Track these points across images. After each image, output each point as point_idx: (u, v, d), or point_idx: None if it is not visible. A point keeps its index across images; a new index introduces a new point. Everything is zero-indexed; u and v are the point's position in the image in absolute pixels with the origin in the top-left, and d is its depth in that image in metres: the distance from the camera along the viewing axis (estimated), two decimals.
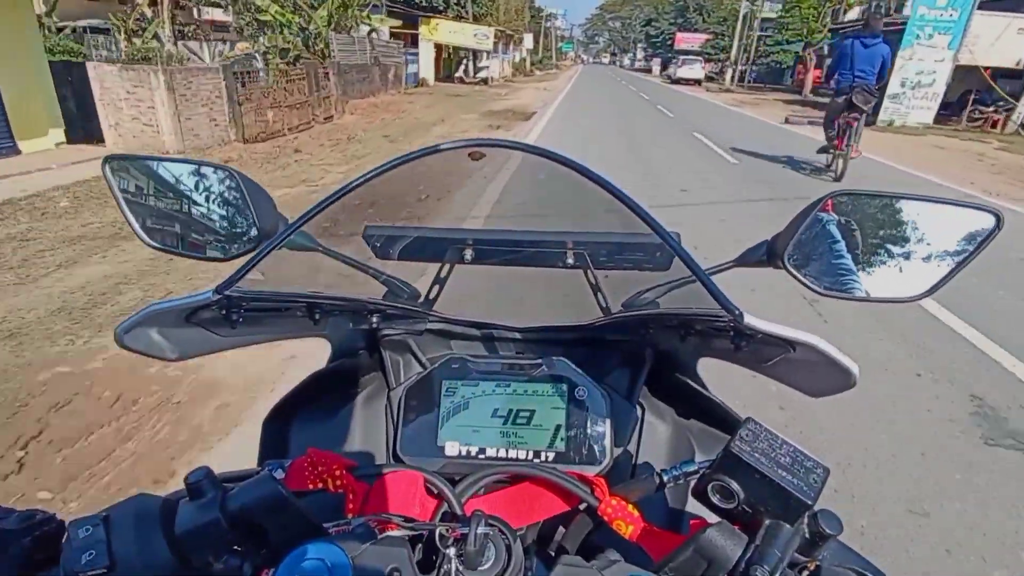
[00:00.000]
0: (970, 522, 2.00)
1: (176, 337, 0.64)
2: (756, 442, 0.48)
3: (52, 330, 3.08)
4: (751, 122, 15.43)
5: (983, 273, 4.22)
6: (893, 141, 12.36)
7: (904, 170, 8.85)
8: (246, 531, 0.47)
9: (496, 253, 0.89)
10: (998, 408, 2.68)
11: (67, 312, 3.31)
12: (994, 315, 3.70)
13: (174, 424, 2.37)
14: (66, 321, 3.19)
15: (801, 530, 0.45)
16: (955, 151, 11.48)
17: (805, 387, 0.70)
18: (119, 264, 4.07)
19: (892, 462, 2.28)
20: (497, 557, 0.48)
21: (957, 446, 2.40)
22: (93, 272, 3.92)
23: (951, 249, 0.68)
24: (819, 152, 7.83)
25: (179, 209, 0.81)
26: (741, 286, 3.53)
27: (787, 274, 0.70)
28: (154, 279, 3.81)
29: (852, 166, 7.33)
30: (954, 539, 1.93)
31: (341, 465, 0.60)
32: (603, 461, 0.68)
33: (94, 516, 0.45)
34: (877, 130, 14.00)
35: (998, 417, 2.61)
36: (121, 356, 2.69)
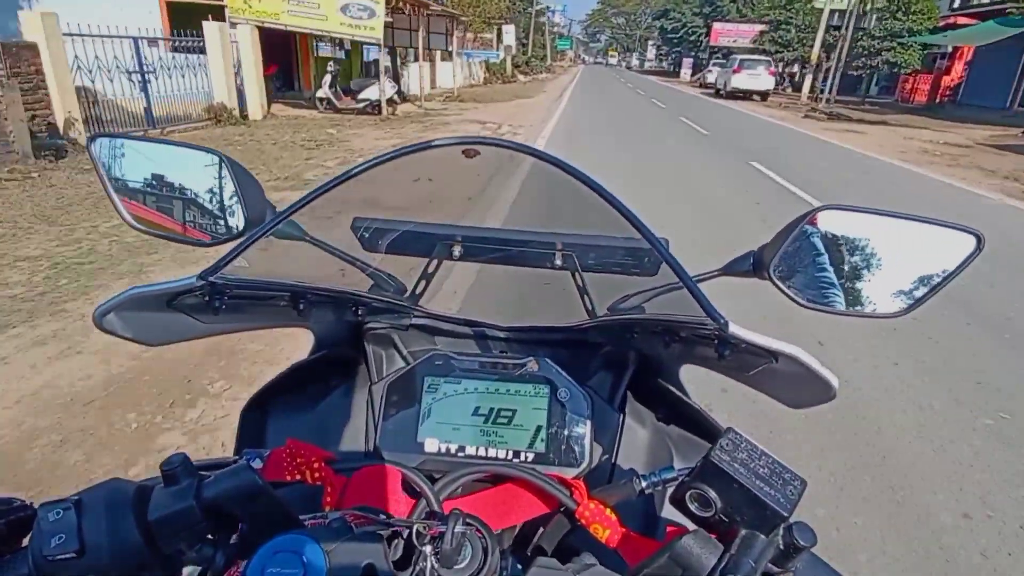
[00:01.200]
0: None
1: (156, 322, 0.64)
2: (736, 452, 0.49)
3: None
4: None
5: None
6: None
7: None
8: (220, 520, 0.47)
9: (485, 251, 0.89)
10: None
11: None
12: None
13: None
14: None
15: (776, 541, 0.46)
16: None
17: (785, 398, 0.70)
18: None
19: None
20: (473, 556, 0.48)
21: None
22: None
23: (932, 267, 0.69)
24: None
25: (166, 192, 0.79)
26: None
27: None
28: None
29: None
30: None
31: (320, 457, 0.59)
32: (583, 463, 0.69)
33: (65, 500, 0.45)
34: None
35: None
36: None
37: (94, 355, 2.88)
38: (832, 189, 7.84)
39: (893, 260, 0.71)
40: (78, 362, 2.83)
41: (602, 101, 21.48)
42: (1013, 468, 2.39)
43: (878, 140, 13.41)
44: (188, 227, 0.79)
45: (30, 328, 3.15)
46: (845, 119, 18.12)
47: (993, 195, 7.93)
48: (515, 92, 25.36)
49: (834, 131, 14.84)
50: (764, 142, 12.27)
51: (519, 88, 28.89)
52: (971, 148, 12.76)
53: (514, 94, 24.12)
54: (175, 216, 0.79)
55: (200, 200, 0.79)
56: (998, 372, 3.16)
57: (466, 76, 28.42)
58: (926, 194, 7.97)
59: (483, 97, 21.50)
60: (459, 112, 15.99)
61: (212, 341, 2.97)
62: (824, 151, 11.55)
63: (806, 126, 15.96)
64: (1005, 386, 3.02)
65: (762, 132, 14.49)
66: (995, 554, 1.95)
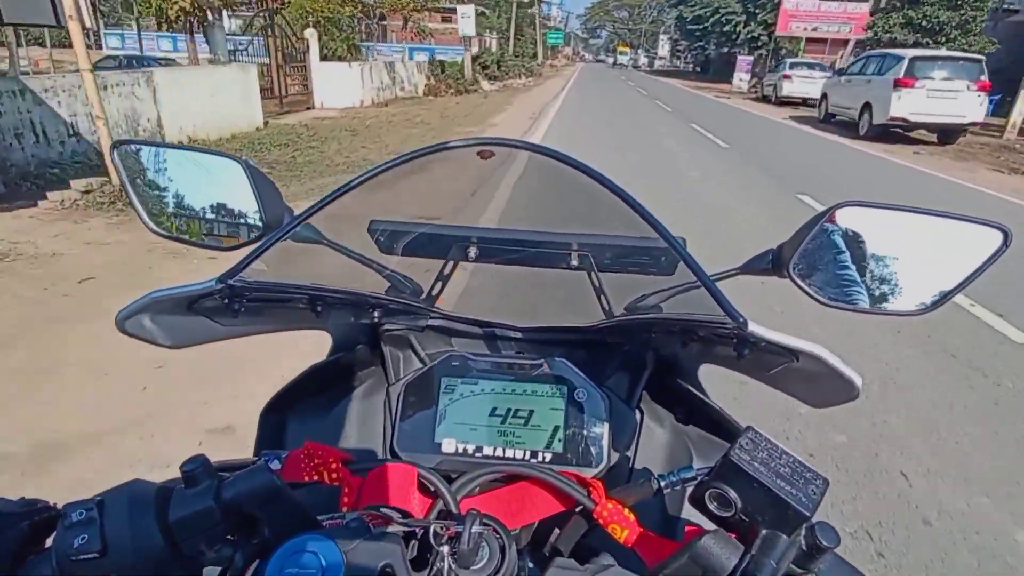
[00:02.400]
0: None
1: (177, 325, 0.65)
2: (756, 451, 0.48)
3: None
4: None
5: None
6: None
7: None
8: (240, 521, 0.47)
9: (501, 252, 0.89)
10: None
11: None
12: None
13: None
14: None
15: (798, 542, 0.45)
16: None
17: (807, 397, 0.69)
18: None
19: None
20: (491, 557, 0.48)
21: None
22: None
23: (956, 264, 0.68)
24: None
25: (186, 197, 0.81)
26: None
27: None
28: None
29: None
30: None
31: (337, 458, 0.60)
32: (600, 463, 0.68)
33: (88, 500, 0.45)
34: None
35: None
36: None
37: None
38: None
39: (915, 256, 0.69)
40: None
41: (617, 152, 9.79)
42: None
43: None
44: (208, 231, 0.80)
45: None
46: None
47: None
48: (436, 117, 13.85)
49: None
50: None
51: (465, 107, 16.44)
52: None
53: (458, 114, 14.24)
54: (195, 221, 0.80)
55: (219, 205, 0.80)
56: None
57: (387, 85, 17.54)
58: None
59: (369, 129, 11.40)
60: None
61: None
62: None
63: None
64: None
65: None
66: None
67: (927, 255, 0.69)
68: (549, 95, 21.08)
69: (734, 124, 15.23)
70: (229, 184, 0.79)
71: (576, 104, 17.96)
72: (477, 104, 17.31)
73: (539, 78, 34.10)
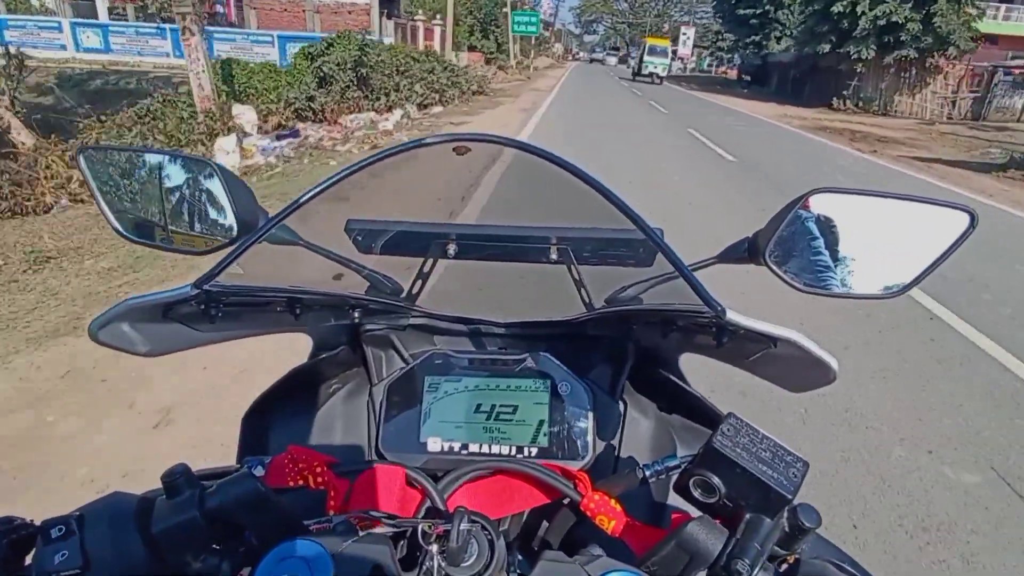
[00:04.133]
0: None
1: (153, 332, 0.63)
2: (737, 437, 0.49)
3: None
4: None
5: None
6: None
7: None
8: (225, 529, 0.46)
9: (480, 248, 0.88)
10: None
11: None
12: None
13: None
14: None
15: (781, 524, 0.46)
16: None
17: (785, 382, 0.70)
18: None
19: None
20: (480, 553, 0.48)
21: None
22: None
23: (926, 246, 0.69)
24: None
25: (157, 202, 0.79)
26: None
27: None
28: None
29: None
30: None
31: (322, 462, 0.59)
32: (586, 456, 0.69)
33: (67, 516, 0.44)
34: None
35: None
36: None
37: None
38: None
39: (887, 240, 0.71)
40: None
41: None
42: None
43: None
44: (180, 236, 0.78)
45: None
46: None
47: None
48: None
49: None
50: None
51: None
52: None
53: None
54: (166, 225, 0.78)
55: (191, 208, 0.79)
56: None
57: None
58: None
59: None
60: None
61: None
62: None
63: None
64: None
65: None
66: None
67: (898, 238, 0.71)
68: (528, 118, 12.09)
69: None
70: (201, 187, 0.78)
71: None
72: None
73: (475, 102, 15.85)
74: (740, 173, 8.33)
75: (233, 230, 0.75)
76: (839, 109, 22.65)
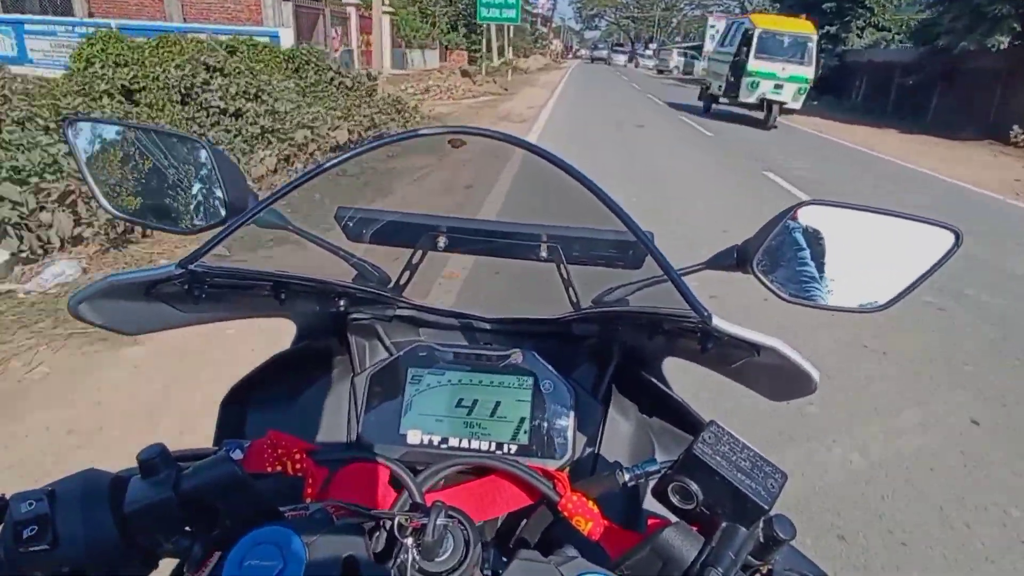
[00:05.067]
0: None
1: (135, 311, 0.62)
2: (718, 445, 0.49)
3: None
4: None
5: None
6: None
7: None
8: (199, 512, 0.46)
9: (469, 242, 0.88)
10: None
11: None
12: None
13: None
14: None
15: (756, 534, 0.46)
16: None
17: (766, 391, 0.71)
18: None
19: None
20: (455, 549, 0.48)
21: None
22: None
23: (911, 263, 0.70)
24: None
25: (145, 178, 0.78)
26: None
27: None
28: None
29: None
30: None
31: (301, 449, 0.59)
32: (565, 456, 0.69)
33: (38, 490, 0.44)
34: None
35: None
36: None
37: None
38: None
39: (874, 255, 0.71)
40: None
41: None
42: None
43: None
44: (168, 213, 0.77)
45: None
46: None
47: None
48: None
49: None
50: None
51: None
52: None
53: None
54: (154, 202, 0.78)
55: (180, 187, 0.78)
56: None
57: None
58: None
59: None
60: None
61: None
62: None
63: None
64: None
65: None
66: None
67: (884, 254, 0.71)
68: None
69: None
70: (191, 165, 0.77)
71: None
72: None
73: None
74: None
75: (221, 211, 0.74)
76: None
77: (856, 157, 11.82)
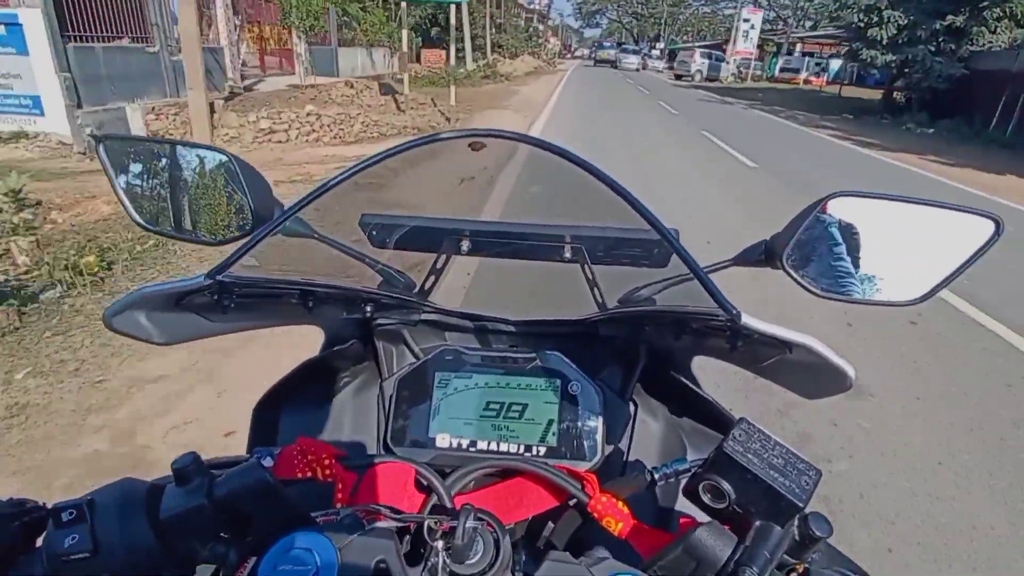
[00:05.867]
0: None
1: (165, 321, 0.64)
2: (749, 443, 0.48)
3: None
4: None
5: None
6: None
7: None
8: (232, 518, 0.47)
9: (493, 245, 0.88)
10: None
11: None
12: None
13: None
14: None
15: (791, 532, 0.45)
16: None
17: (799, 388, 0.69)
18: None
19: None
20: (485, 551, 0.47)
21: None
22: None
23: (949, 253, 0.68)
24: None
25: (173, 192, 0.80)
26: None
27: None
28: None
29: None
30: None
31: (331, 454, 0.59)
32: (594, 457, 0.68)
33: (78, 500, 0.45)
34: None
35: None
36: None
37: None
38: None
39: (908, 246, 0.69)
40: None
41: None
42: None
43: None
44: (196, 226, 0.79)
45: None
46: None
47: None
48: None
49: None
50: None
51: None
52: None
53: None
54: (183, 215, 0.79)
55: (208, 199, 0.79)
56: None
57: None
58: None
59: None
60: None
61: None
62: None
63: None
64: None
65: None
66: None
67: (920, 244, 0.69)
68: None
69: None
70: (217, 178, 0.78)
71: None
72: None
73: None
74: None
75: (248, 221, 0.75)
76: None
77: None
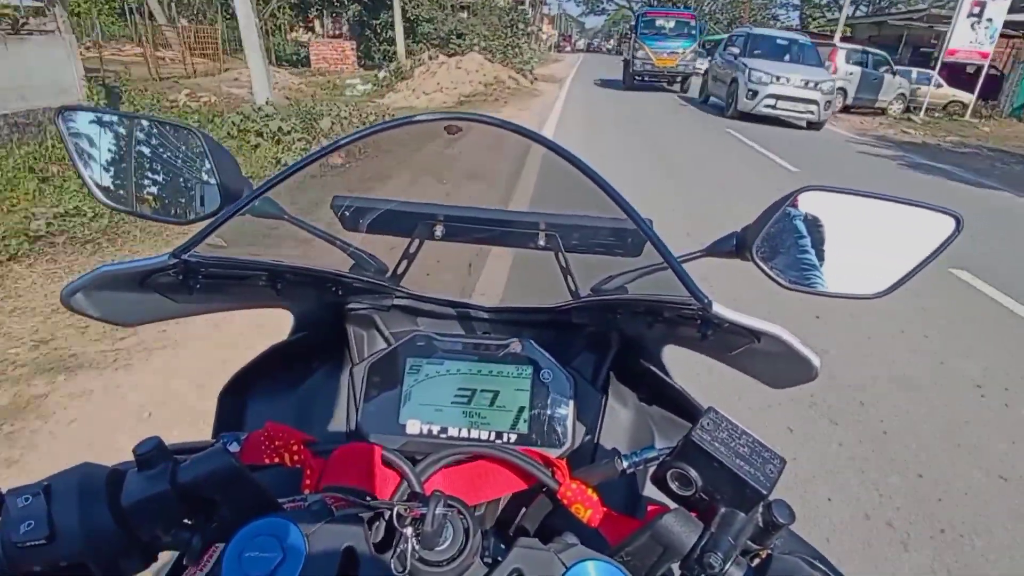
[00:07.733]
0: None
1: (128, 301, 0.62)
2: (717, 431, 0.49)
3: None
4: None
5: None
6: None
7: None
8: (197, 504, 0.46)
9: (467, 231, 0.88)
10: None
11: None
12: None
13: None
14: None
15: (755, 519, 0.46)
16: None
17: (767, 378, 0.71)
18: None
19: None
20: (455, 538, 0.48)
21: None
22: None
23: (912, 248, 0.70)
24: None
25: (138, 168, 0.77)
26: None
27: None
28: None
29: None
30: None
31: (299, 440, 0.59)
32: (565, 444, 0.69)
33: (34, 485, 0.44)
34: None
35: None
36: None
37: None
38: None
39: (873, 241, 0.71)
40: None
41: None
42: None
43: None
44: (162, 204, 0.77)
45: None
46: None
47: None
48: None
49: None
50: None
51: None
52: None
53: None
54: (148, 192, 0.77)
55: (175, 176, 0.77)
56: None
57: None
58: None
59: None
60: None
61: None
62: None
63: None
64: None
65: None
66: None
67: (884, 239, 0.71)
68: None
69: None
70: (185, 155, 0.76)
71: None
72: None
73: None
74: None
75: (216, 200, 0.73)
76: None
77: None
